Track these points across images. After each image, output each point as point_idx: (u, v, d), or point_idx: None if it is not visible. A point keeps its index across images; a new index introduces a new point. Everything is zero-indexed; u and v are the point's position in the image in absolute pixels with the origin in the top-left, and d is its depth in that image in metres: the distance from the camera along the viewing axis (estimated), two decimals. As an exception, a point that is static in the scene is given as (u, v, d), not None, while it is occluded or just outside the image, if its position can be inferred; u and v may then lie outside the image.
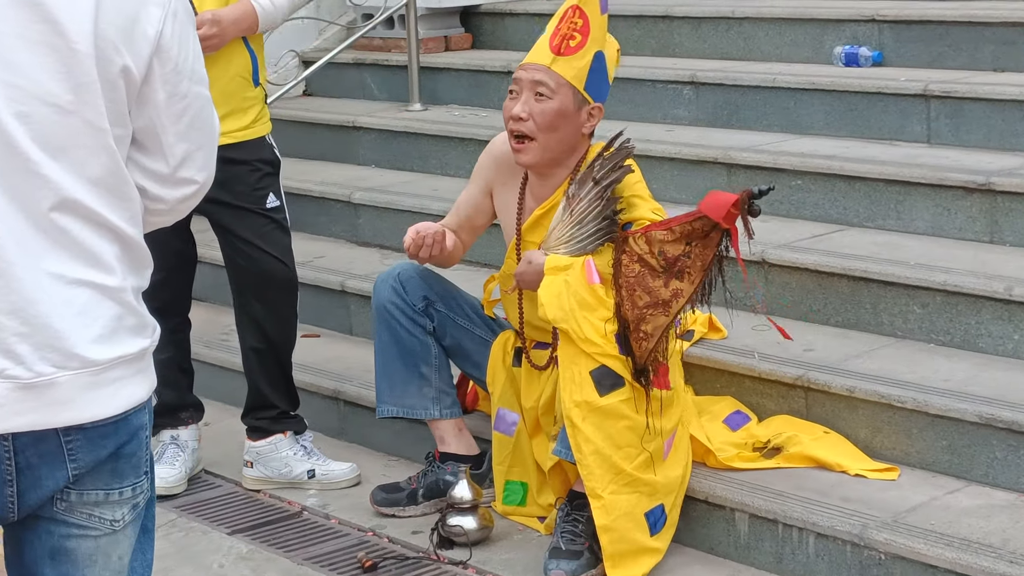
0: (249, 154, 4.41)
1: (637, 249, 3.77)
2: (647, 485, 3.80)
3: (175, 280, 4.57)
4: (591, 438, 3.73)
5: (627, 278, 3.76)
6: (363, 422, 4.87)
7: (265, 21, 4.38)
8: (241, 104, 4.39)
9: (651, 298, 3.75)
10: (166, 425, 4.68)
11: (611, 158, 3.95)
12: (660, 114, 5.97)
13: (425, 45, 7.02)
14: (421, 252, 4.14)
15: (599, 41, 4.06)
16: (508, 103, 4.07)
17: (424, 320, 4.29)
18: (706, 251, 3.74)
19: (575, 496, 3.94)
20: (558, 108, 3.99)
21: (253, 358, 4.55)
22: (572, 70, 4.01)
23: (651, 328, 3.75)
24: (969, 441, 3.90)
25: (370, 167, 6.49)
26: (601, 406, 3.74)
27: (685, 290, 3.77)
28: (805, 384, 4.17)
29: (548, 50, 4.03)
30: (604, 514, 3.75)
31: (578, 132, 4.05)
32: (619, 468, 3.75)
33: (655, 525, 3.83)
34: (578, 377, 3.74)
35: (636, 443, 3.78)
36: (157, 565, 4.10)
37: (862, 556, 3.66)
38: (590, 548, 3.85)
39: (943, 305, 4.31)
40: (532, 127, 4.00)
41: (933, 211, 4.76)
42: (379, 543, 4.18)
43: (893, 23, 5.74)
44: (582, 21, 4.03)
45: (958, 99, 5.16)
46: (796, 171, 5.06)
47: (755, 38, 6.13)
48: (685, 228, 3.74)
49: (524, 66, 4.06)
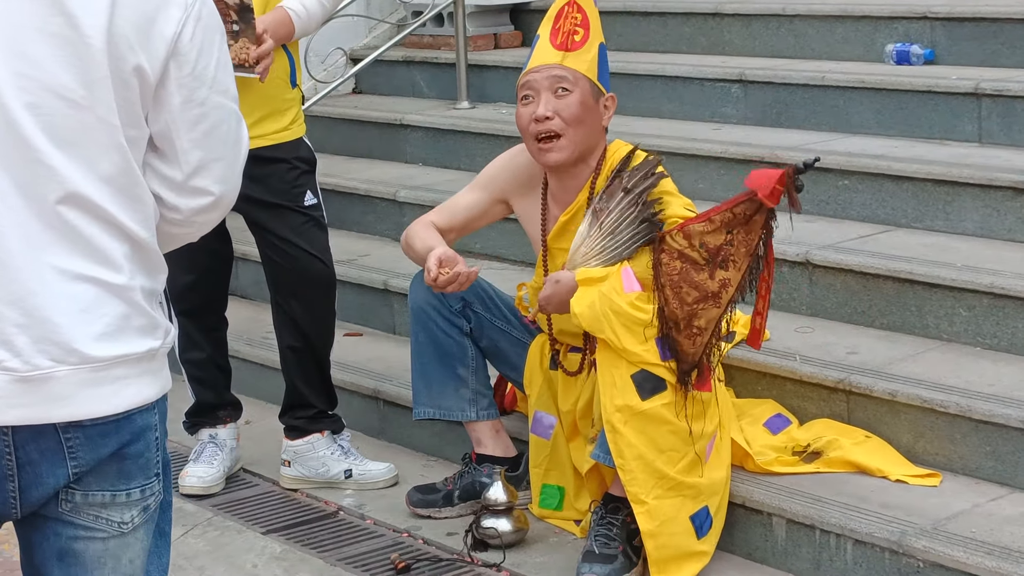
0: (286, 153, 4.40)
1: (676, 246, 3.72)
2: (691, 488, 3.75)
3: (207, 281, 4.56)
4: (633, 443, 3.68)
5: (670, 276, 3.71)
6: (403, 422, 4.84)
7: (301, 29, 4.36)
8: (280, 106, 4.37)
9: (699, 292, 3.70)
10: (204, 424, 4.68)
11: (640, 168, 3.89)
12: (708, 112, 5.91)
13: (474, 42, 7.00)
14: (450, 288, 3.99)
15: (599, 34, 4.06)
16: (523, 109, 4.01)
17: (461, 321, 4.26)
18: (750, 236, 3.69)
19: (610, 499, 3.90)
20: (581, 100, 3.96)
21: (290, 357, 4.53)
22: (584, 63, 3.99)
23: (704, 322, 3.71)
24: (1013, 447, 3.83)
25: (417, 165, 6.47)
26: (643, 410, 3.69)
27: (733, 278, 3.72)
28: (847, 388, 4.11)
29: (554, 50, 4.00)
30: (648, 520, 3.71)
31: (599, 124, 4.02)
32: (662, 473, 3.71)
33: (701, 528, 3.78)
34: (619, 381, 3.69)
35: (679, 447, 3.73)
36: (191, 564, 4.11)
37: (900, 564, 3.59)
38: (624, 552, 3.81)
39: (990, 308, 4.23)
40: (559, 124, 3.95)
41: (982, 212, 4.67)
42: (413, 544, 4.16)
43: (946, 20, 5.64)
44: (581, 16, 4.02)
45: (1010, 98, 5.06)
46: (843, 171, 4.99)
47: (806, 35, 6.05)
48: (725, 216, 3.69)
49: (534, 70, 4.01)
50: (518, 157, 4.18)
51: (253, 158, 4.31)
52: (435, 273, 3.93)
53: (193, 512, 4.46)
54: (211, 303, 4.63)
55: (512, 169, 4.21)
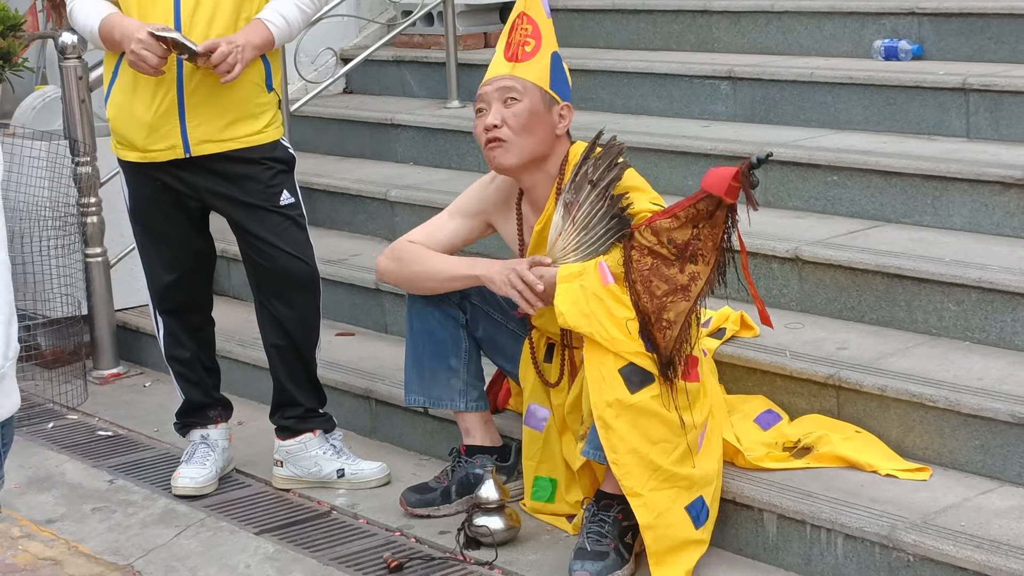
0: (261, 154, 4.41)
1: (645, 242, 3.76)
2: (685, 479, 3.77)
3: (190, 280, 4.58)
4: (625, 437, 3.70)
5: (641, 272, 3.75)
6: (395, 421, 4.86)
7: (280, 38, 4.37)
8: (253, 110, 4.38)
9: (669, 285, 3.74)
10: (195, 425, 4.69)
11: (603, 157, 3.93)
12: (697, 110, 5.93)
13: (464, 42, 7.01)
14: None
15: (552, 43, 4.10)
16: (477, 121, 4.08)
17: (457, 313, 4.27)
18: (715, 230, 3.75)
19: (602, 496, 3.91)
20: (530, 108, 4.01)
21: (275, 355, 4.55)
22: (535, 72, 4.04)
23: (673, 315, 3.73)
24: (1002, 441, 3.84)
25: (408, 164, 6.47)
26: (633, 403, 3.70)
27: (702, 272, 3.76)
28: (837, 383, 4.12)
29: (505, 61, 4.07)
30: (646, 512, 3.72)
31: (552, 133, 4.05)
32: (656, 465, 3.72)
33: (698, 518, 3.79)
34: (607, 376, 3.71)
35: (670, 438, 3.74)
36: (183, 565, 4.13)
37: (891, 558, 3.60)
38: (616, 549, 3.82)
39: (979, 302, 4.24)
40: (507, 132, 4.01)
41: (971, 206, 4.69)
42: (406, 543, 4.16)
43: (933, 16, 5.66)
44: (531, 27, 4.07)
45: (998, 92, 5.08)
46: (832, 167, 5.00)
47: (794, 32, 6.07)
48: (689, 212, 3.73)
49: (487, 82, 4.08)
50: (497, 179, 4.23)
51: (228, 159, 4.38)
52: (532, 279, 3.92)
53: (186, 513, 4.47)
54: (195, 302, 4.64)
55: (492, 191, 4.27)
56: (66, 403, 5.54)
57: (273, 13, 4.33)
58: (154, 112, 4.31)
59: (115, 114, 4.41)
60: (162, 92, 4.30)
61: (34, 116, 6.18)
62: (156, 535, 4.34)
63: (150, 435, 5.18)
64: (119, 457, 4.99)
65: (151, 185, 4.45)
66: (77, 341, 5.83)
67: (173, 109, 4.31)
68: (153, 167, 4.40)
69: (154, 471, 4.82)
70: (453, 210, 4.33)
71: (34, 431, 5.31)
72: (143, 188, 4.48)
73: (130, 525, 4.43)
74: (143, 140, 4.35)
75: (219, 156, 4.36)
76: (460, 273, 4.16)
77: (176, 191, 4.44)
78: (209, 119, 4.32)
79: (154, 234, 4.54)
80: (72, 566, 4.17)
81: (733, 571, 3.84)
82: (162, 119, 4.31)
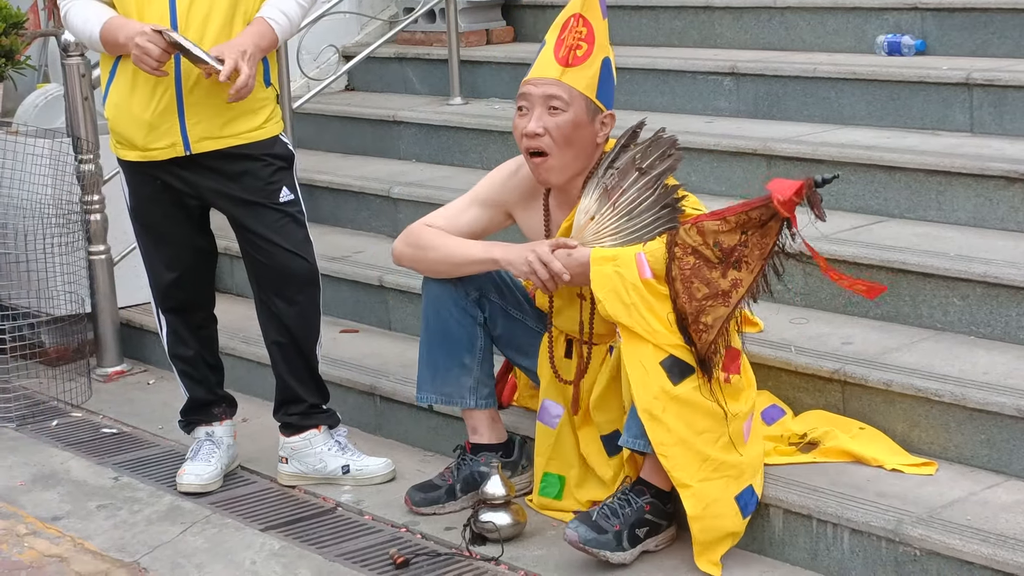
0: (260, 151, 4.40)
1: (690, 241, 3.73)
2: (733, 467, 3.77)
3: (192, 278, 4.58)
4: (673, 428, 3.70)
5: (683, 271, 3.73)
6: (399, 417, 4.86)
7: (283, 35, 4.36)
8: (252, 105, 4.36)
9: (710, 289, 3.73)
10: (200, 422, 4.69)
11: (654, 146, 3.90)
12: (700, 105, 5.92)
13: (467, 38, 7.01)
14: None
15: (604, 47, 4.01)
16: (519, 120, 4.00)
17: (475, 311, 4.25)
18: (764, 239, 3.72)
19: (640, 482, 3.90)
20: (573, 120, 3.94)
21: (276, 352, 4.55)
22: (583, 80, 3.96)
23: (711, 320, 3.73)
24: (1008, 435, 3.84)
25: (411, 161, 6.47)
26: (678, 394, 3.71)
27: (744, 279, 3.75)
28: (842, 378, 4.12)
29: (555, 62, 3.96)
30: (695, 503, 3.72)
31: (593, 142, 4.00)
32: (705, 454, 3.73)
33: (746, 508, 3.80)
34: (650, 368, 3.71)
35: (715, 428, 3.75)
36: (189, 561, 4.13)
37: (897, 552, 3.61)
38: (619, 533, 3.81)
39: (983, 297, 4.24)
40: (548, 142, 3.94)
41: (975, 201, 4.69)
42: (412, 539, 4.16)
43: (936, 11, 5.66)
44: (586, 29, 3.98)
45: (1001, 87, 5.08)
46: (836, 162, 4.99)
47: (797, 27, 6.07)
48: (741, 218, 3.71)
49: (532, 81, 3.99)
50: (522, 170, 4.15)
51: (227, 156, 4.38)
52: (558, 267, 3.88)
53: (191, 510, 4.47)
54: (197, 300, 4.64)
55: (516, 182, 4.20)
56: (70, 401, 5.54)
57: (274, 11, 4.32)
58: (153, 110, 4.31)
59: (114, 114, 4.41)
60: (160, 90, 4.29)
61: (36, 114, 6.18)
62: (161, 532, 4.34)
63: (155, 432, 5.18)
64: (124, 454, 4.99)
65: (151, 184, 4.44)
66: (81, 339, 5.83)
67: (172, 107, 4.30)
68: (153, 166, 4.39)
69: (159, 468, 4.82)
70: (473, 198, 4.26)
71: (38, 429, 5.30)
72: (143, 188, 4.47)
73: (135, 522, 4.42)
74: (143, 139, 4.35)
75: (218, 153, 4.36)
76: (477, 256, 4.10)
77: (176, 190, 4.43)
78: (208, 116, 4.31)
79: (155, 233, 4.53)
80: (78, 563, 4.17)
81: (739, 566, 3.83)
82: (161, 117, 4.31)
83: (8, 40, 6.30)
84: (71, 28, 4.41)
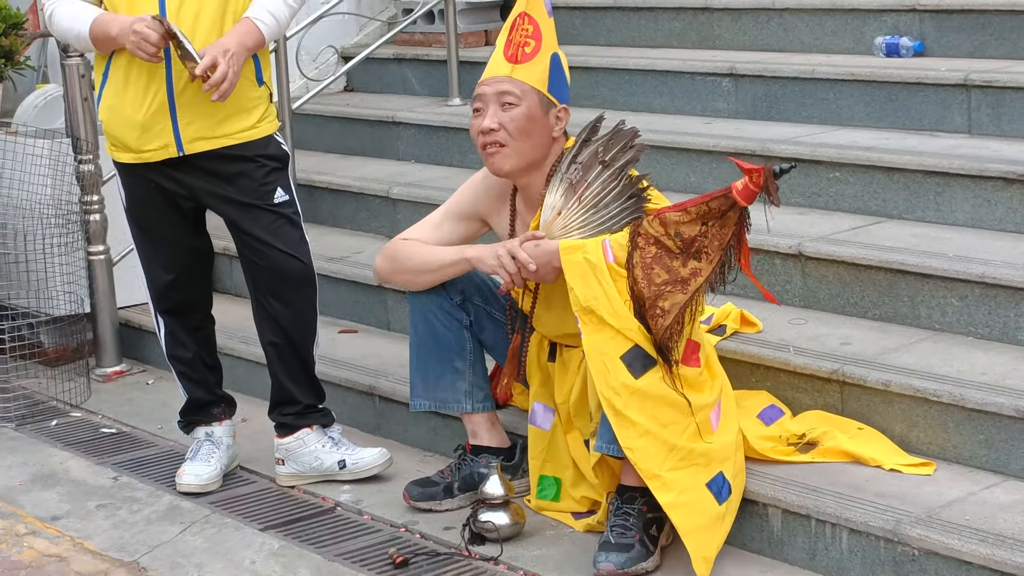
0: (254, 151, 4.40)
1: (652, 232, 3.78)
2: (702, 456, 3.77)
3: (188, 279, 4.58)
4: (637, 421, 3.71)
5: (644, 259, 3.78)
6: (398, 418, 4.86)
7: (270, 35, 4.36)
8: (245, 104, 4.37)
9: (669, 276, 3.77)
10: (199, 422, 4.70)
11: (615, 139, 3.95)
12: (699, 106, 5.94)
13: (465, 39, 7.02)
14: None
15: (552, 44, 4.10)
16: (475, 121, 4.08)
17: (461, 315, 4.28)
18: (723, 230, 3.77)
19: (624, 490, 3.91)
20: (527, 113, 4.02)
21: (272, 353, 4.56)
22: (534, 75, 4.04)
23: (668, 305, 3.76)
24: (1007, 435, 3.85)
25: (410, 162, 6.48)
26: (639, 388, 3.72)
27: (704, 269, 3.79)
28: (840, 378, 4.13)
29: (505, 61, 4.06)
30: (665, 492, 3.72)
31: (548, 136, 4.06)
32: (671, 444, 3.73)
33: (720, 494, 3.80)
34: (610, 364, 3.73)
35: (680, 419, 3.76)
36: (189, 561, 4.13)
37: (896, 552, 3.61)
38: (641, 541, 3.81)
39: (982, 297, 4.25)
40: (504, 136, 4.02)
41: (973, 202, 4.70)
42: (411, 539, 4.17)
43: (934, 13, 5.67)
44: (532, 27, 4.07)
45: (999, 89, 5.09)
46: (834, 163, 5.01)
47: (795, 29, 6.08)
48: (701, 208, 3.76)
49: (485, 81, 4.08)
50: (490, 176, 4.20)
51: (221, 157, 4.38)
52: (524, 256, 3.93)
53: (190, 509, 4.48)
54: (194, 301, 4.64)
55: (485, 189, 4.25)
56: (69, 401, 5.55)
57: (262, 11, 4.32)
58: (145, 112, 4.31)
59: (107, 116, 4.41)
60: (152, 91, 4.29)
61: (35, 115, 6.18)
62: (161, 532, 4.34)
63: (154, 432, 5.18)
64: (123, 454, 4.99)
65: (145, 186, 4.45)
66: (80, 339, 5.83)
67: (164, 108, 4.30)
68: (147, 168, 4.40)
69: (158, 468, 4.83)
70: (447, 212, 4.31)
71: (38, 428, 5.31)
72: (137, 189, 4.48)
73: (135, 522, 4.43)
74: (136, 141, 4.35)
75: (212, 155, 4.36)
76: (451, 259, 4.15)
77: (170, 192, 4.44)
78: (201, 116, 4.32)
79: (151, 235, 4.54)
80: (77, 563, 4.18)
81: (737, 565, 3.84)
82: (153, 118, 4.31)
83: (8, 41, 6.30)
84: (56, 27, 4.40)
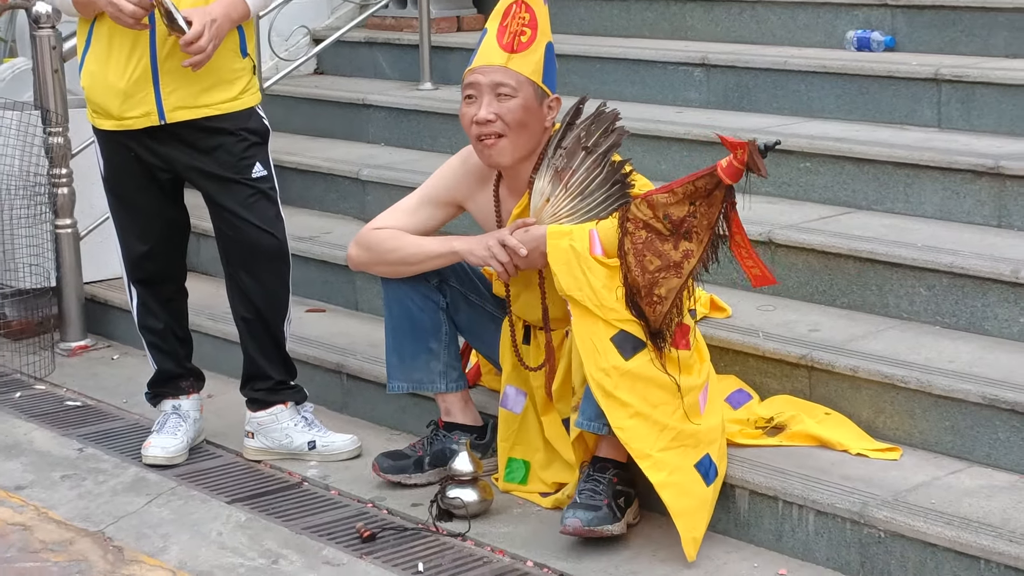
0: (235, 124, 4.40)
1: (641, 215, 3.78)
2: (691, 436, 3.79)
3: (163, 250, 4.57)
4: (627, 402, 3.72)
5: (635, 245, 3.77)
6: (366, 396, 4.86)
7: (256, 7, 4.37)
8: (228, 76, 4.37)
9: (662, 261, 3.77)
10: (167, 395, 4.69)
11: (596, 124, 3.94)
12: (671, 96, 5.96)
13: (437, 25, 7.02)
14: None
15: (547, 32, 4.06)
16: (467, 108, 4.03)
17: (437, 296, 4.27)
18: (711, 209, 3.77)
19: (598, 460, 3.92)
20: (523, 104, 3.98)
21: (244, 328, 4.56)
22: (529, 65, 4.01)
23: (664, 291, 3.77)
24: (972, 422, 3.89)
25: (380, 145, 6.48)
26: (629, 369, 3.73)
27: (695, 250, 3.79)
28: (809, 363, 4.16)
29: (500, 49, 4.00)
30: (657, 471, 3.73)
31: (542, 126, 4.04)
32: (662, 424, 3.75)
33: (707, 475, 3.81)
34: (600, 345, 3.73)
35: (669, 400, 3.77)
36: (155, 532, 4.12)
37: (862, 534, 3.64)
38: (609, 506, 3.82)
39: (949, 287, 4.29)
40: (502, 127, 3.98)
41: (942, 194, 4.74)
42: (378, 515, 4.17)
43: (906, 8, 5.72)
44: (529, 15, 4.02)
45: (969, 84, 5.14)
46: (805, 153, 5.04)
47: (767, 22, 6.11)
48: (687, 188, 3.76)
49: (479, 69, 4.02)
50: (470, 160, 4.18)
51: (201, 128, 4.37)
52: (513, 242, 3.94)
53: (156, 481, 4.46)
54: (167, 272, 4.63)
55: (465, 173, 4.22)
56: (33, 373, 5.52)
57: None
58: (128, 79, 4.30)
59: (89, 83, 4.40)
60: (135, 59, 4.29)
61: (3, 88, 6.15)
62: (127, 503, 4.33)
63: (119, 406, 5.16)
64: (88, 427, 4.97)
65: (124, 155, 4.44)
66: (45, 312, 5.81)
67: (147, 75, 4.30)
68: (127, 136, 4.39)
69: (124, 441, 4.81)
70: (423, 198, 4.28)
71: (1, 400, 5.28)
72: (116, 156, 4.47)
73: (100, 493, 4.42)
74: (118, 107, 4.34)
75: (193, 125, 4.35)
76: (438, 251, 4.14)
77: (148, 163, 4.43)
78: (183, 85, 4.31)
79: (127, 204, 4.53)
80: (42, 531, 4.16)
81: (704, 546, 3.84)
82: (136, 86, 4.30)
83: (-23, 13, 6.27)
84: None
